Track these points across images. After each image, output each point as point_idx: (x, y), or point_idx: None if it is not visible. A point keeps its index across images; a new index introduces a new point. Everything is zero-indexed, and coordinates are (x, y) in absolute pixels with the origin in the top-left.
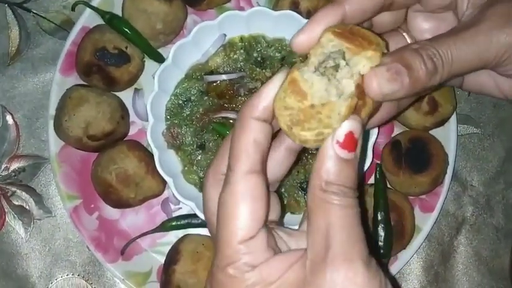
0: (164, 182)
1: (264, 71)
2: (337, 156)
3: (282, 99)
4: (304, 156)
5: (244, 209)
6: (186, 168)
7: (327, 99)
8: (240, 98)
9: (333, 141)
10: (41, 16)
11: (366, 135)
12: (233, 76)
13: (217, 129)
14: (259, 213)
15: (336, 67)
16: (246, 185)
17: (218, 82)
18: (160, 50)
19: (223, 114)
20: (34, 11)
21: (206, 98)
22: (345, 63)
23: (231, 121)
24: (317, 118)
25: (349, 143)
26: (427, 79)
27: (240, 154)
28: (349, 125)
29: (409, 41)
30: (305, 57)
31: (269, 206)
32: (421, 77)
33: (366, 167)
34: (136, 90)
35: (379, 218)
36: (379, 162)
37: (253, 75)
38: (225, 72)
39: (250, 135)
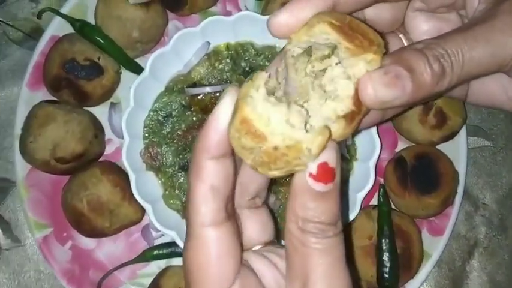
0: (143, 208)
1: None
2: (312, 190)
3: (237, 139)
4: None
5: (209, 271)
6: (167, 192)
7: (291, 137)
8: None
9: (306, 175)
10: (7, 24)
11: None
12: (218, 88)
13: None
14: (227, 270)
15: (323, 63)
16: (207, 241)
17: (202, 95)
18: (138, 60)
19: None
20: (0, 19)
21: (189, 113)
22: (336, 62)
23: None
24: (283, 160)
25: (325, 174)
26: (433, 84)
27: (197, 206)
28: (323, 157)
29: (405, 44)
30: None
31: (241, 255)
32: (426, 81)
33: (367, 187)
34: (113, 104)
35: (384, 245)
36: (382, 181)
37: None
38: (210, 84)
39: (207, 181)
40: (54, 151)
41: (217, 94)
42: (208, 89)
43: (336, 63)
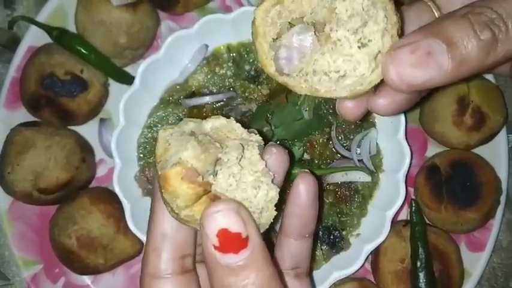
0: (142, 240)
1: (259, 87)
2: (223, 265)
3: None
4: (319, 195)
5: None
6: None
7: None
8: None
9: (210, 248)
10: None
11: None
12: (220, 97)
13: None
14: None
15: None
16: None
17: (202, 106)
18: (128, 69)
19: None
20: None
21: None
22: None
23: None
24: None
25: (230, 243)
26: (481, 57)
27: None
28: (221, 223)
29: (436, 14)
30: None
31: None
32: (472, 54)
33: (397, 204)
34: (102, 120)
35: (419, 270)
36: (411, 192)
37: (246, 93)
38: (210, 93)
39: (159, 227)
40: (36, 182)
41: (220, 104)
42: (208, 99)
43: None
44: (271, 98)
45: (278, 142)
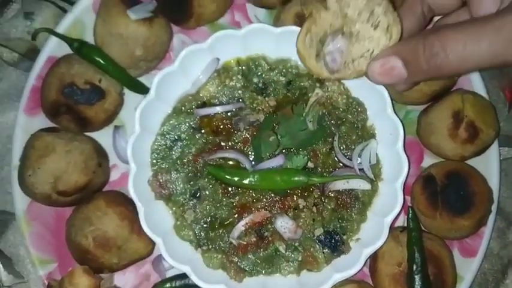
0: (153, 241)
1: (266, 99)
2: None
3: None
4: (321, 200)
5: None
6: (178, 222)
7: None
8: (239, 133)
9: None
10: (1, 45)
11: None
12: (230, 108)
13: (214, 173)
14: None
15: None
16: None
17: (212, 115)
18: (142, 79)
19: (220, 155)
20: None
21: (199, 135)
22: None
23: (230, 162)
24: None
25: None
26: (428, 74)
27: None
28: None
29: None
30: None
31: None
32: (421, 72)
33: (395, 211)
34: (117, 128)
35: (416, 273)
36: (408, 200)
37: (254, 104)
38: (220, 104)
39: None
40: (55, 184)
41: (229, 114)
42: (218, 109)
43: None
44: (278, 109)
45: (284, 151)
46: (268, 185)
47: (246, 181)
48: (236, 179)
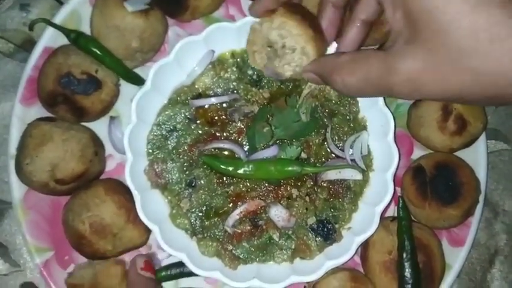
0: (148, 231)
1: (260, 91)
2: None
3: None
4: (313, 190)
5: None
6: (174, 211)
7: None
8: (234, 124)
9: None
10: None
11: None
12: (224, 99)
13: (209, 163)
14: None
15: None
16: None
17: (207, 106)
18: (138, 70)
19: (215, 145)
20: None
21: (194, 126)
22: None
23: (225, 152)
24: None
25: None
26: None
27: None
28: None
29: None
30: None
31: None
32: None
33: (385, 200)
34: (112, 118)
35: (406, 261)
36: (398, 191)
37: (249, 96)
38: (215, 95)
39: None
40: (53, 173)
41: (224, 105)
42: (213, 100)
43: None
44: (272, 101)
45: (278, 141)
46: (263, 174)
47: (240, 171)
48: (231, 168)
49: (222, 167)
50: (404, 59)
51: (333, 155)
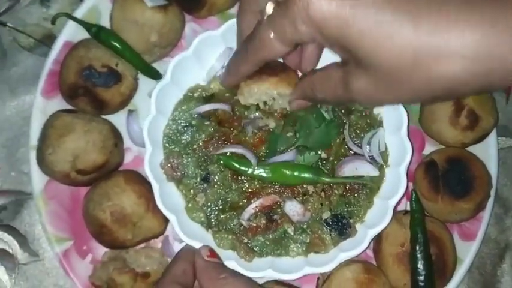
0: (166, 220)
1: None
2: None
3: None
4: (329, 186)
5: None
6: (189, 205)
7: None
8: (246, 135)
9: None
10: (18, 30)
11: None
12: (225, 107)
13: (226, 163)
14: None
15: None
16: None
17: (213, 110)
18: (155, 65)
19: (228, 150)
20: (10, 25)
21: (208, 123)
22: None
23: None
24: None
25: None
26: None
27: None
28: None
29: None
30: None
31: None
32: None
33: (399, 194)
34: (130, 111)
35: (418, 253)
36: (411, 186)
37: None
38: (228, 99)
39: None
40: (74, 163)
41: (237, 114)
42: (218, 106)
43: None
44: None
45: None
46: (278, 178)
47: (256, 172)
48: (247, 169)
49: (239, 167)
50: (354, 79)
51: (351, 152)
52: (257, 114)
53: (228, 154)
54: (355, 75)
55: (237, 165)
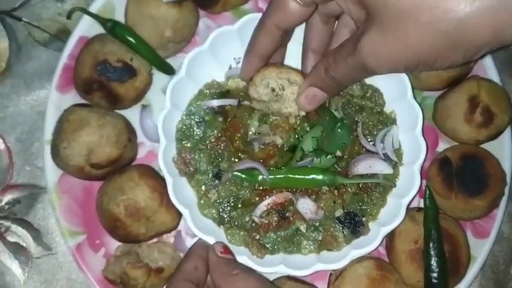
0: (179, 215)
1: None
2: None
3: None
4: (342, 184)
5: None
6: (202, 201)
7: None
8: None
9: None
10: (33, 25)
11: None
12: (232, 102)
13: (242, 178)
14: None
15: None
16: None
17: (228, 107)
18: (169, 60)
19: (239, 167)
20: (25, 20)
21: (220, 119)
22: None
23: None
24: None
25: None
26: (339, 85)
27: None
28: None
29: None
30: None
31: None
32: (333, 86)
33: (412, 192)
34: (144, 106)
35: (432, 250)
36: (424, 183)
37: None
38: (242, 99)
39: None
40: (89, 157)
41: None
42: (229, 102)
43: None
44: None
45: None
46: (293, 183)
47: (270, 181)
48: (262, 179)
49: (252, 179)
50: (364, 36)
51: (364, 150)
52: (265, 128)
53: (242, 170)
54: (366, 31)
55: (254, 179)
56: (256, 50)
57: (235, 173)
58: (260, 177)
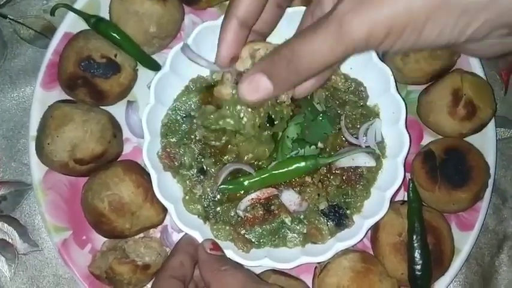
0: (165, 210)
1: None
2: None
3: None
4: (326, 177)
5: None
6: (187, 197)
7: None
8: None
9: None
10: (18, 22)
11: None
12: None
13: (230, 189)
14: None
15: None
16: None
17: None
18: (154, 56)
19: (227, 170)
20: (10, 17)
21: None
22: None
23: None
24: None
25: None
26: (290, 82)
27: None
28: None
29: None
30: None
31: None
32: (284, 81)
33: (395, 184)
34: (130, 102)
35: (415, 242)
36: (408, 176)
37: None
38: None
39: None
40: (73, 152)
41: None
42: (203, 62)
43: None
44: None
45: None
46: (281, 177)
47: (258, 179)
48: (250, 181)
49: (240, 186)
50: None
51: (347, 143)
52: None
53: (229, 181)
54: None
55: (244, 183)
56: (235, 11)
57: (221, 186)
58: (246, 182)
